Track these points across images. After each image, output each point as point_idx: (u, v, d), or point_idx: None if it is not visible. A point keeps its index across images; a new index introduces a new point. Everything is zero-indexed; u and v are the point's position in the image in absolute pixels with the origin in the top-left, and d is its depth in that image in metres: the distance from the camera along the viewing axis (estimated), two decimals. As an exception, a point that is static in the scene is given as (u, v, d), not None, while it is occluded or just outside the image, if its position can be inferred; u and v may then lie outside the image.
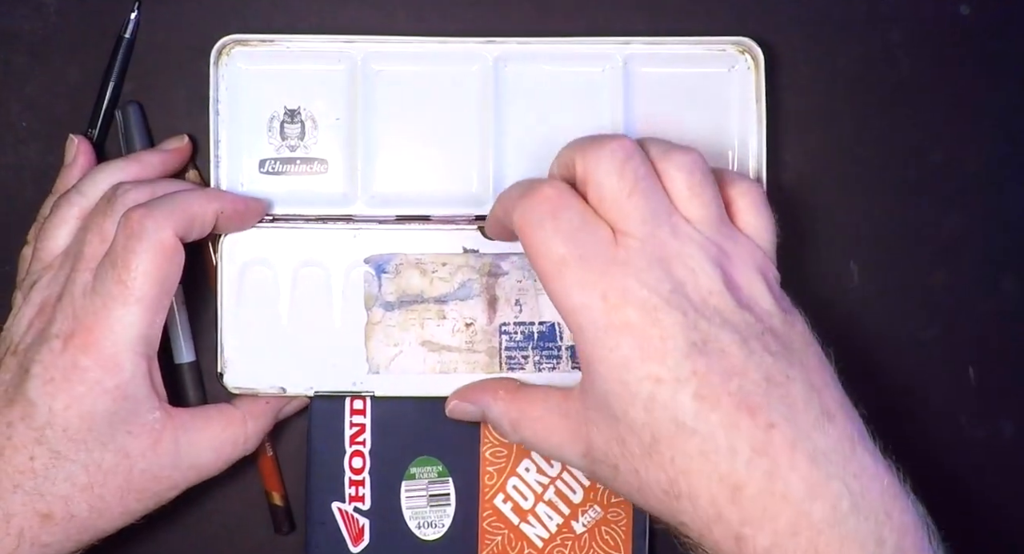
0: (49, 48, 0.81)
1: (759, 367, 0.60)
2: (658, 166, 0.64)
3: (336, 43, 0.79)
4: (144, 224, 0.67)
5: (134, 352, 0.67)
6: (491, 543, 0.80)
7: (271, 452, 0.81)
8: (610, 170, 0.62)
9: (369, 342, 0.78)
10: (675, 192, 0.64)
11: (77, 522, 0.67)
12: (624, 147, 0.63)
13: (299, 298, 0.78)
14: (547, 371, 0.77)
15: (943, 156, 0.83)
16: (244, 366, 0.77)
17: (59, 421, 0.66)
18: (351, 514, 0.78)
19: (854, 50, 0.83)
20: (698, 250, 0.63)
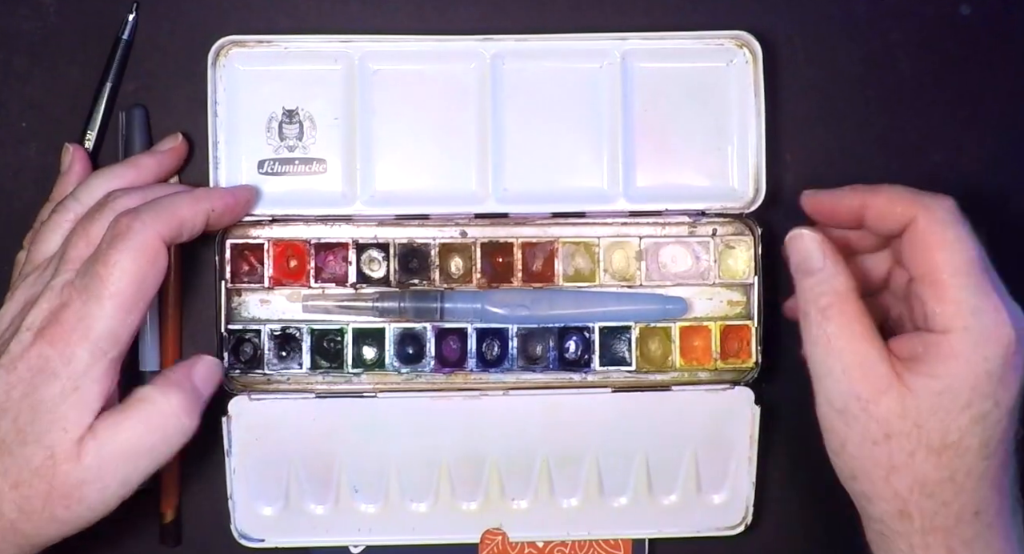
0: (49, 49, 0.81)
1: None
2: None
3: (333, 43, 0.79)
4: (131, 226, 0.68)
5: (97, 347, 0.67)
6: (491, 543, 0.80)
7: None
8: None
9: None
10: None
11: (6, 523, 0.66)
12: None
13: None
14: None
15: (943, 156, 0.83)
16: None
17: (12, 409, 0.66)
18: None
19: (854, 50, 0.83)
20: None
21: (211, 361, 0.74)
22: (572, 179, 0.80)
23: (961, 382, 0.64)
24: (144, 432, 0.68)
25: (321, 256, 0.79)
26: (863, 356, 0.66)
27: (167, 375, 0.72)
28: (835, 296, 0.68)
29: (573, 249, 0.80)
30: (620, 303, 0.80)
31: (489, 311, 0.79)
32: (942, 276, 0.65)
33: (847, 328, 0.67)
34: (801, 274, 0.70)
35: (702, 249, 0.80)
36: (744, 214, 0.80)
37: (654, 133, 0.80)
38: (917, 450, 0.65)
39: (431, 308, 0.78)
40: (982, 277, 0.65)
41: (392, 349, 0.79)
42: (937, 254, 0.66)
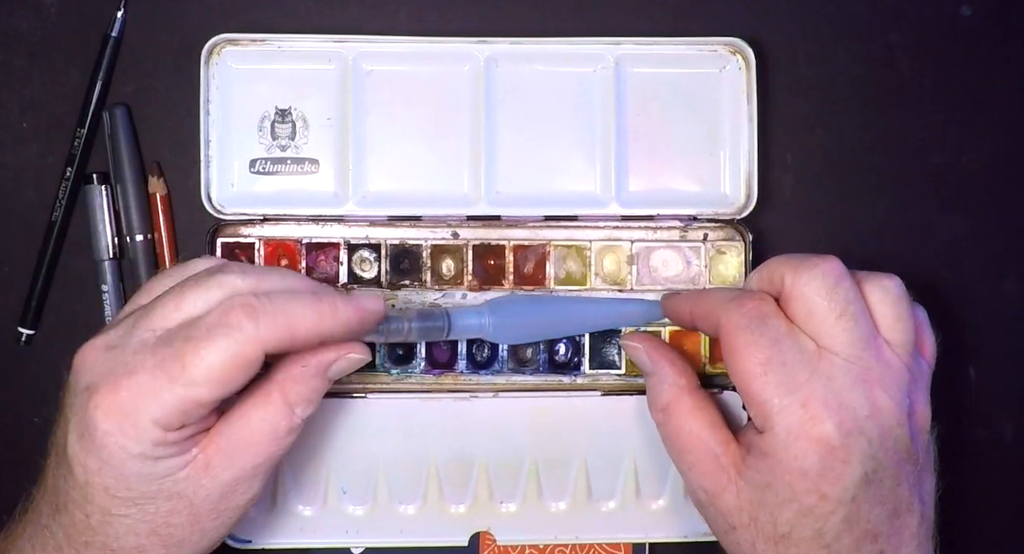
0: (49, 49, 0.81)
1: (898, 499, 0.67)
2: (864, 288, 0.68)
3: (327, 43, 0.79)
4: (242, 325, 0.61)
5: (158, 425, 0.62)
6: (492, 542, 0.81)
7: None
8: (820, 290, 0.66)
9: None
10: (880, 316, 0.68)
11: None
12: (835, 270, 0.67)
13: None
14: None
15: (943, 156, 0.83)
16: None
17: (97, 481, 0.63)
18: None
19: (854, 50, 0.83)
20: (897, 377, 0.67)
21: (354, 361, 0.68)
22: (564, 183, 0.80)
23: (779, 478, 0.65)
24: (259, 447, 0.66)
25: (312, 256, 0.79)
26: (704, 452, 0.69)
27: (289, 371, 0.67)
28: (671, 395, 0.72)
29: (564, 252, 0.80)
30: (609, 303, 0.81)
31: (496, 325, 0.76)
32: (743, 379, 0.66)
33: (687, 425, 0.71)
34: (644, 376, 0.75)
35: (693, 254, 0.80)
36: (735, 220, 0.80)
37: (647, 138, 0.80)
38: (757, 540, 0.67)
39: (437, 327, 0.74)
40: (785, 377, 0.65)
41: (382, 350, 0.79)
42: (735, 360, 0.67)
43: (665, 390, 0.72)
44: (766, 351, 0.66)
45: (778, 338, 0.66)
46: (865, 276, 0.69)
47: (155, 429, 0.61)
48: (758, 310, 0.67)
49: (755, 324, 0.66)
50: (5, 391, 0.81)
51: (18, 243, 0.80)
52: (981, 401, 0.83)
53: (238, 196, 0.79)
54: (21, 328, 0.80)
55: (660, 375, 0.73)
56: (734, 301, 0.68)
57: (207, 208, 0.78)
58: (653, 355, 0.74)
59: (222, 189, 0.79)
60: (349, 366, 0.68)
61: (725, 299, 0.69)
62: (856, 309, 0.67)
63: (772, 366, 0.65)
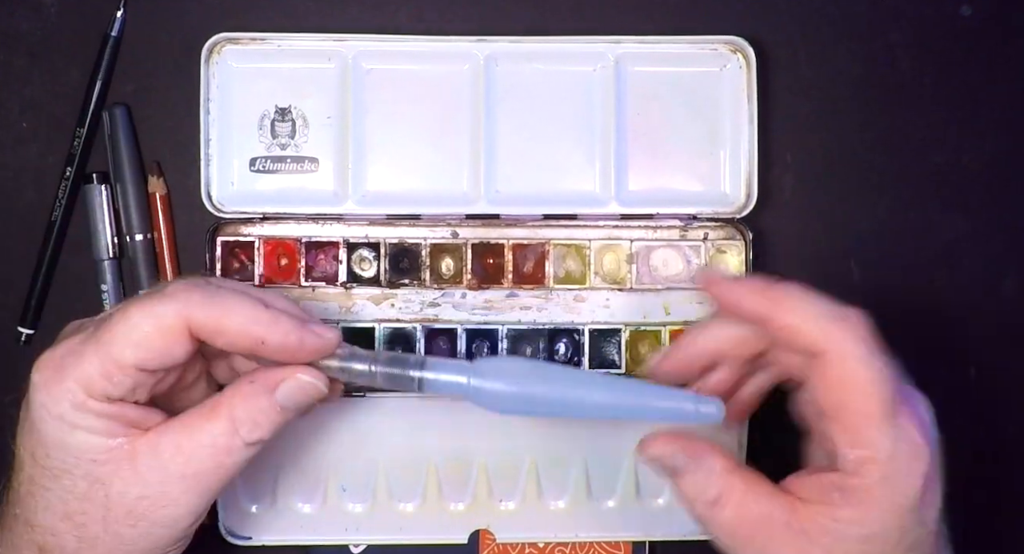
0: (49, 49, 0.81)
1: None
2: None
3: (327, 42, 0.79)
4: (174, 295, 0.62)
5: (79, 385, 0.61)
6: (491, 541, 0.81)
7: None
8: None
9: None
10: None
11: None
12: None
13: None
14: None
15: (943, 156, 0.83)
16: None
17: (26, 444, 0.63)
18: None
19: (854, 50, 0.83)
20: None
21: (302, 382, 0.65)
22: (564, 181, 0.80)
23: (887, 524, 0.61)
24: (193, 458, 0.63)
25: (312, 255, 0.79)
26: (775, 532, 0.62)
27: (238, 387, 0.65)
28: (722, 484, 0.64)
29: (564, 251, 0.80)
30: (640, 396, 0.67)
31: (479, 389, 0.66)
32: (856, 420, 0.61)
33: (749, 508, 0.63)
34: (673, 477, 0.66)
35: (693, 253, 0.80)
36: (735, 219, 0.80)
37: (647, 137, 0.80)
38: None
39: (407, 377, 0.66)
40: (897, 411, 0.61)
41: (381, 349, 0.79)
42: (850, 398, 0.61)
43: (714, 482, 0.64)
44: (890, 386, 0.62)
45: (891, 372, 0.63)
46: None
47: (77, 389, 0.61)
48: (874, 338, 0.63)
49: (876, 352, 0.62)
50: (5, 391, 0.81)
51: (18, 243, 0.80)
52: (981, 401, 0.83)
53: (238, 195, 0.79)
54: (21, 328, 0.80)
55: (707, 468, 0.64)
56: (841, 324, 0.63)
57: (207, 207, 0.78)
58: (692, 451, 0.65)
59: (222, 188, 0.79)
60: (300, 390, 0.64)
61: (823, 318, 0.63)
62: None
63: (891, 404, 0.61)
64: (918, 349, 0.81)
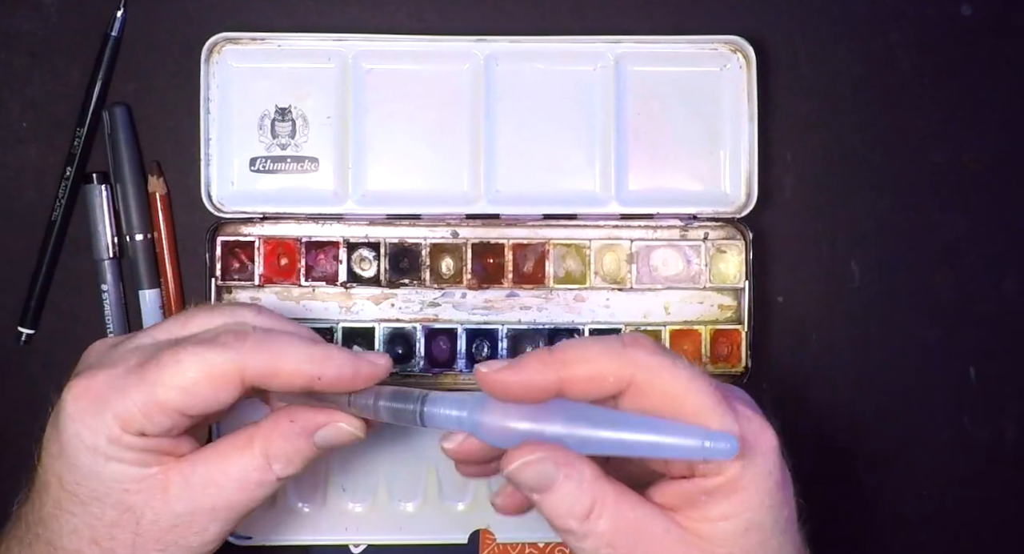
0: (49, 49, 0.81)
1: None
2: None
3: (327, 42, 0.79)
4: (227, 344, 0.61)
5: (117, 420, 0.61)
6: (492, 540, 0.81)
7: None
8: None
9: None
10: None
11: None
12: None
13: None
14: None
15: (943, 156, 0.83)
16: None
17: (55, 468, 0.62)
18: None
19: (855, 50, 0.83)
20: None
21: (342, 431, 0.65)
22: (564, 181, 0.80)
23: (757, 510, 0.59)
24: (225, 490, 0.63)
25: (312, 254, 0.79)
26: (655, 538, 0.59)
27: (276, 423, 0.64)
28: (594, 493, 0.58)
29: (564, 251, 0.80)
30: (643, 430, 0.58)
31: (483, 425, 0.60)
32: (698, 420, 0.57)
33: (621, 522, 0.59)
34: (540, 493, 0.58)
35: (693, 253, 0.80)
36: (736, 219, 0.80)
37: (647, 137, 0.80)
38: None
39: (409, 411, 0.63)
40: (723, 399, 0.58)
41: (382, 349, 0.79)
42: (683, 403, 0.57)
43: (586, 491, 0.58)
44: (703, 379, 0.58)
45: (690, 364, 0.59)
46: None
47: (113, 425, 0.60)
48: (658, 345, 0.60)
49: (667, 352, 0.59)
50: (5, 391, 0.81)
51: (18, 243, 0.80)
52: (981, 401, 0.83)
53: (238, 194, 0.79)
54: (21, 328, 0.80)
55: (576, 477, 0.58)
56: (629, 347, 0.59)
57: (207, 206, 0.78)
58: (561, 459, 0.58)
59: (222, 187, 0.79)
60: (337, 436, 0.65)
61: (613, 352, 0.59)
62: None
63: (715, 394, 0.58)
64: (919, 349, 0.81)
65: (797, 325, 0.82)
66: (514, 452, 0.58)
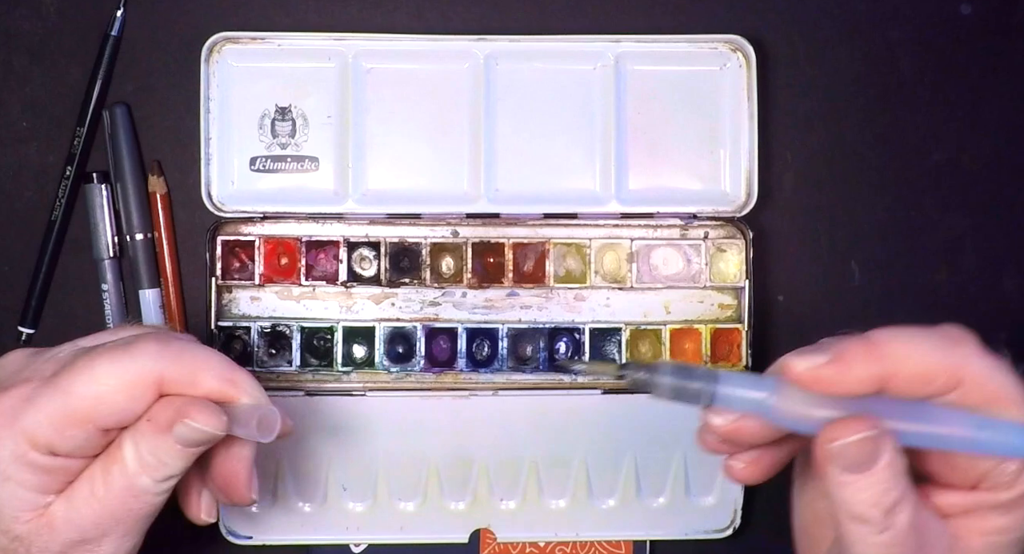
0: (49, 48, 0.81)
1: None
2: None
3: (327, 41, 0.79)
4: (145, 347, 0.59)
5: (26, 435, 0.58)
6: (492, 540, 0.81)
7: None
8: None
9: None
10: None
11: None
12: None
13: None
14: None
15: (943, 156, 0.83)
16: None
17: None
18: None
19: (855, 50, 0.83)
20: None
21: (191, 428, 0.59)
22: (564, 180, 0.80)
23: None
24: (107, 505, 0.60)
25: (312, 254, 0.79)
26: (932, 543, 0.57)
27: (137, 427, 0.60)
28: (902, 490, 0.55)
29: (564, 250, 0.80)
30: (958, 425, 0.56)
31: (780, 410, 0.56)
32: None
33: (918, 523, 0.56)
34: (854, 474, 0.54)
35: (693, 252, 0.80)
36: (736, 218, 0.80)
37: (647, 136, 0.80)
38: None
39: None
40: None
41: (382, 348, 0.79)
42: (1008, 408, 0.55)
43: (898, 483, 0.55)
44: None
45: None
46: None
47: (21, 440, 0.57)
48: (980, 341, 0.57)
49: (994, 355, 0.57)
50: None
51: (18, 242, 0.80)
52: (982, 400, 0.82)
53: (238, 194, 0.79)
54: (21, 327, 0.80)
55: (896, 467, 0.55)
56: (965, 340, 0.57)
57: (207, 206, 0.78)
58: (888, 443, 0.54)
59: (222, 187, 0.79)
60: (191, 434, 0.59)
61: (943, 341, 0.56)
62: None
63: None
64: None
65: (797, 324, 0.82)
66: (844, 425, 0.54)
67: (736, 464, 0.60)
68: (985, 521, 0.57)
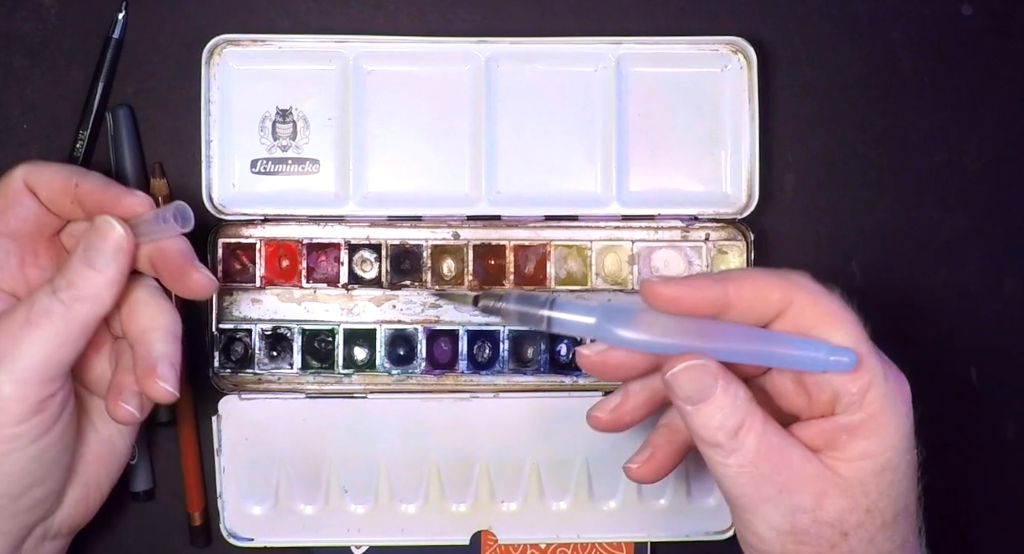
0: (49, 50, 0.81)
1: None
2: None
3: (328, 43, 0.79)
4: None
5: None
6: (493, 541, 0.81)
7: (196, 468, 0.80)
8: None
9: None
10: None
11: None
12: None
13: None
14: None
15: (943, 156, 0.83)
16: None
17: None
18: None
19: (855, 50, 0.83)
20: None
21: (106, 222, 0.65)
22: (565, 182, 0.80)
23: (894, 451, 0.60)
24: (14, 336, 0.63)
25: (313, 256, 0.79)
26: (794, 468, 0.60)
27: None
28: (744, 412, 0.60)
29: (565, 252, 0.80)
30: (766, 343, 0.62)
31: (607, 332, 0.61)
32: (847, 345, 0.59)
33: (767, 444, 0.60)
34: (695, 403, 0.60)
35: (695, 254, 0.80)
36: (737, 219, 0.80)
37: (648, 138, 0.80)
38: (876, 534, 0.61)
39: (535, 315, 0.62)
40: (868, 338, 0.61)
41: (383, 350, 0.79)
42: (838, 332, 0.60)
43: (740, 407, 0.60)
44: (855, 315, 0.61)
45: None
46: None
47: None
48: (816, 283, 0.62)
49: (828, 289, 0.61)
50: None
51: (19, 244, 0.80)
52: (982, 401, 0.83)
53: (239, 196, 0.79)
54: (22, 329, 0.80)
55: (733, 392, 0.60)
56: (797, 275, 0.62)
57: (208, 208, 0.78)
58: (720, 372, 0.60)
59: (223, 189, 0.79)
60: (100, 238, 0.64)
61: (780, 276, 0.61)
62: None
63: (863, 330, 0.61)
64: (919, 349, 0.81)
65: (798, 325, 0.82)
66: (678, 357, 0.60)
67: (631, 465, 0.68)
68: (849, 447, 0.60)
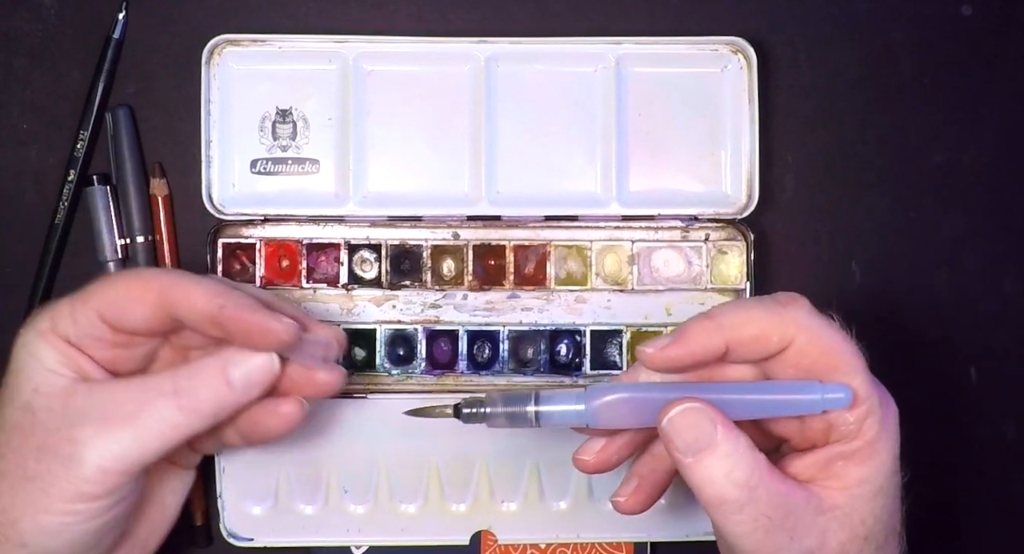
0: (49, 50, 0.81)
1: None
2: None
3: (328, 43, 0.79)
4: (152, 269, 0.71)
5: (48, 322, 0.64)
6: (493, 541, 0.81)
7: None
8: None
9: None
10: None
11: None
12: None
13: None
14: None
15: (943, 156, 0.83)
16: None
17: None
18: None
19: (855, 50, 0.83)
20: None
21: (252, 362, 0.64)
22: (565, 183, 0.80)
23: (886, 476, 0.61)
24: (120, 405, 0.63)
25: (313, 256, 0.79)
26: (799, 511, 0.59)
27: (191, 361, 0.65)
28: (753, 462, 0.59)
29: (565, 252, 0.80)
30: (758, 392, 0.62)
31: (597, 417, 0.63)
32: (847, 381, 0.60)
33: (775, 493, 0.59)
34: (694, 455, 0.59)
35: (694, 254, 0.80)
36: (737, 220, 0.80)
37: (648, 138, 0.80)
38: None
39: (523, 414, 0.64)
40: (865, 367, 0.61)
41: (383, 350, 0.79)
42: (836, 364, 0.60)
43: (743, 455, 0.59)
44: (851, 342, 0.61)
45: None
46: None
47: (44, 321, 0.65)
48: (809, 303, 0.62)
49: (824, 316, 0.61)
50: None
51: (20, 245, 0.80)
52: (982, 401, 0.83)
53: (239, 196, 0.79)
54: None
55: (735, 438, 0.59)
56: (790, 305, 0.61)
57: (208, 209, 0.78)
58: (719, 417, 0.59)
59: (223, 189, 0.79)
60: (254, 370, 0.64)
61: (775, 311, 0.61)
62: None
63: (860, 357, 0.61)
64: (919, 349, 0.81)
65: (798, 325, 0.82)
66: (672, 404, 0.59)
67: (619, 499, 0.68)
68: (845, 475, 0.60)
